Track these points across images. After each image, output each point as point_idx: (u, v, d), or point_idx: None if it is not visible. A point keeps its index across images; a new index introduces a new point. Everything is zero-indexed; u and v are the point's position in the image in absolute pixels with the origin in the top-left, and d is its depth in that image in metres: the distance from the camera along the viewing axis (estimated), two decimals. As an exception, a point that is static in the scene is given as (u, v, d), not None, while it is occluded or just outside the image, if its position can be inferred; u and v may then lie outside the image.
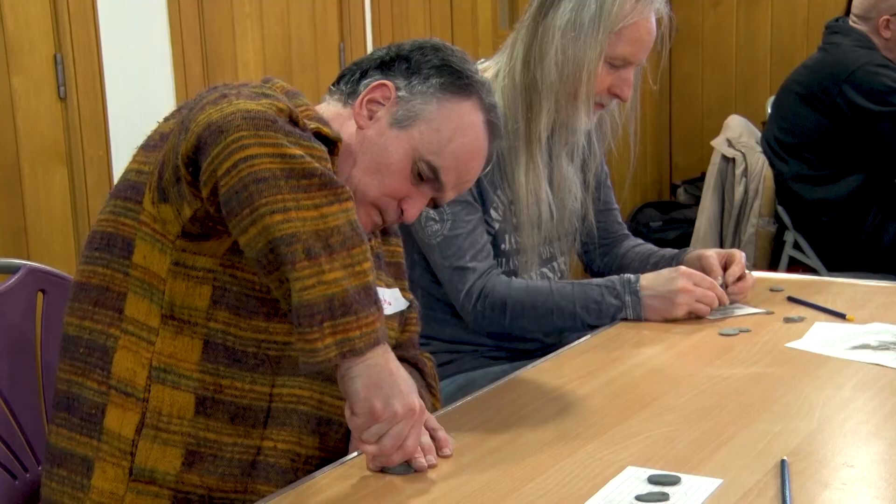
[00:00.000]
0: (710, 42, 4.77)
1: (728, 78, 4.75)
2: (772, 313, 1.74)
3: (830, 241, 3.10)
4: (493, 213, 1.77)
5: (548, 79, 1.71)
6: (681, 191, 4.85)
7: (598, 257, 2.03)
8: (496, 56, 1.82)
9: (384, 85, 1.31)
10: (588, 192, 1.92)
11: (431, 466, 1.16)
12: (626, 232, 2.05)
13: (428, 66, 1.32)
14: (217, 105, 1.10)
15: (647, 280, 1.72)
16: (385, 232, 1.48)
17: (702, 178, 3.77)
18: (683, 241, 3.94)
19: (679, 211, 4.68)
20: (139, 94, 2.59)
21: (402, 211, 1.32)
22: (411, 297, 1.50)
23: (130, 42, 2.60)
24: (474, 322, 1.76)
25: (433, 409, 1.37)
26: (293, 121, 1.12)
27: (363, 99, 1.32)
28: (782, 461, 1.13)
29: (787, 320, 1.69)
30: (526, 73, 1.72)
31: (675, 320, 1.71)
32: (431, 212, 1.71)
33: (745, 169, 3.14)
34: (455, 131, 1.31)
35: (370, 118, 1.31)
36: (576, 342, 1.66)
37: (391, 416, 1.08)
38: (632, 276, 1.74)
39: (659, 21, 1.74)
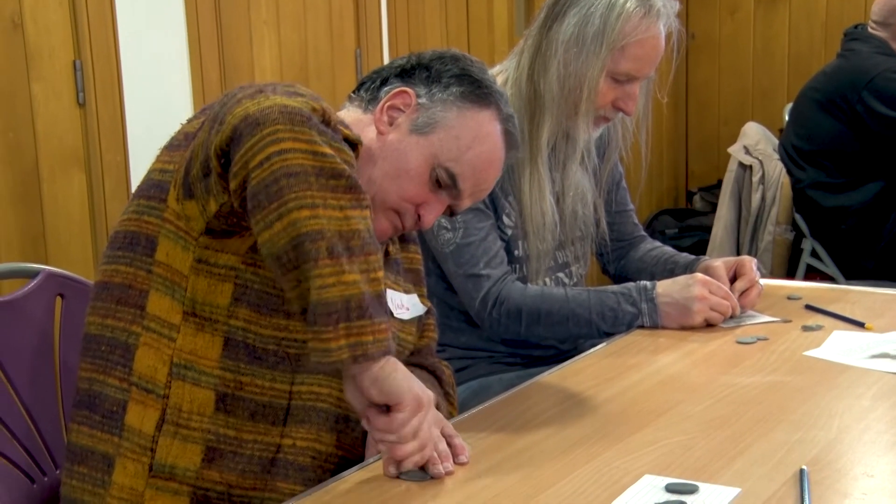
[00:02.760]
0: (727, 49, 4.75)
1: (745, 85, 4.73)
2: (789, 321, 1.73)
3: (848, 248, 3.09)
4: (505, 219, 1.77)
5: (550, 92, 1.71)
6: (697, 198, 4.84)
7: (614, 260, 2.03)
8: (505, 62, 1.82)
9: (405, 92, 1.33)
10: (601, 197, 1.91)
11: (448, 473, 1.16)
12: (643, 234, 2.05)
13: (448, 74, 1.34)
14: (254, 99, 1.11)
15: (664, 287, 1.72)
16: (403, 239, 1.49)
17: (718, 185, 3.76)
18: (699, 248, 3.92)
19: (695, 218, 4.66)
20: (157, 101, 2.60)
21: (419, 217, 1.33)
22: (429, 304, 1.50)
23: (148, 49, 2.61)
24: (490, 329, 1.75)
25: (449, 417, 1.37)
26: (325, 121, 1.13)
27: (384, 105, 1.33)
28: (801, 470, 1.12)
29: (805, 329, 1.68)
30: (530, 84, 1.73)
31: (691, 328, 1.70)
32: (443, 220, 1.71)
33: (763, 176, 3.12)
34: (474, 139, 1.32)
35: (390, 124, 1.32)
36: (592, 349, 1.66)
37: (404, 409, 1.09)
38: (648, 283, 1.73)
39: (668, 35, 1.73)
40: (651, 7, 1.67)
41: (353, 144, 1.19)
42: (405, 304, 1.40)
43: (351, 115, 1.36)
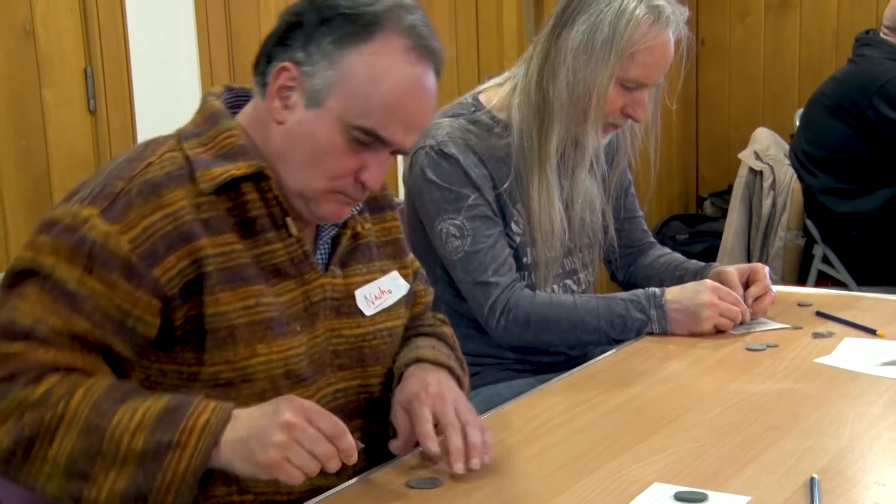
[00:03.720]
0: (738, 54, 4.74)
1: (756, 90, 4.72)
2: (800, 328, 1.72)
3: (860, 254, 3.07)
4: (513, 226, 1.77)
5: (559, 99, 1.70)
6: (707, 203, 4.82)
7: (623, 267, 2.02)
8: (514, 69, 1.81)
9: (284, 69, 1.19)
10: (609, 204, 1.91)
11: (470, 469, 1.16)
12: (652, 240, 2.04)
13: (318, 25, 1.18)
14: (31, 240, 1.14)
15: (673, 294, 1.71)
16: (378, 207, 1.39)
17: (729, 190, 3.75)
18: (710, 254, 3.91)
19: (706, 224, 4.65)
20: (167, 108, 2.61)
21: (363, 182, 1.21)
22: (415, 266, 1.46)
23: (159, 56, 2.62)
24: (498, 337, 1.75)
25: (460, 385, 1.34)
26: (92, 253, 1.11)
27: (272, 91, 1.20)
28: (812, 479, 1.12)
29: (816, 335, 1.67)
30: (539, 91, 1.72)
31: (700, 335, 1.69)
32: (452, 228, 1.71)
33: (773, 182, 3.11)
34: (372, 82, 1.16)
35: (285, 108, 1.20)
36: (601, 356, 1.65)
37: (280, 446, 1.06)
38: (657, 290, 1.72)
39: (678, 42, 1.72)
40: (660, 14, 1.66)
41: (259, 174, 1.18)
42: (387, 288, 1.34)
43: (252, 114, 1.25)
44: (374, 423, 1.31)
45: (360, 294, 1.30)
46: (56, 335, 1.11)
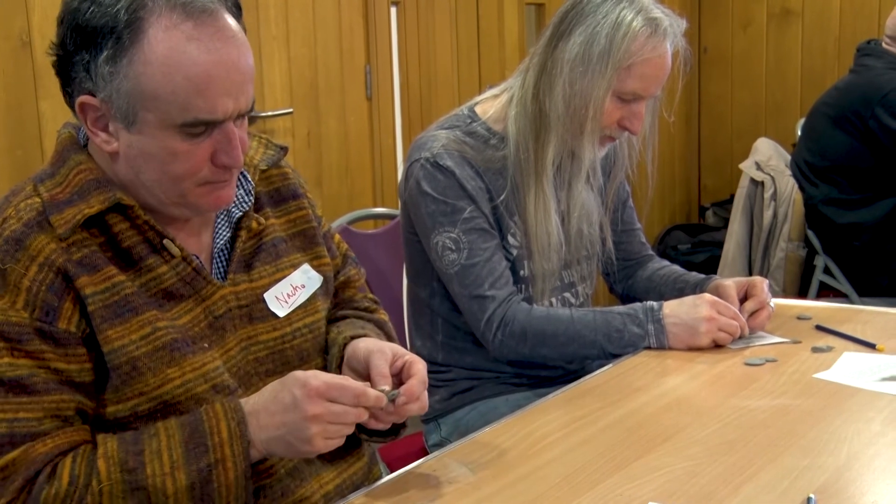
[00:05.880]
0: (740, 63, 4.73)
1: (758, 100, 4.71)
2: (799, 342, 1.70)
3: (862, 265, 3.05)
4: (510, 239, 1.76)
5: (556, 110, 1.69)
6: (709, 213, 4.81)
7: (621, 280, 2.01)
8: (510, 80, 1.80)
9: (83, 105, 1.13)
10: (607, 216, 1.89)
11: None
12: (651, 252, 2.03)
13: (84, 50, 1.10)
14: None
15: (671, 307, 1.70)
16: (281, 199, 1.35)
17: (731, 200, 3.73)
18: (712, 263, 3.89)
19: (708, 234, 4.63)
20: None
21: (224, 165, 1.15)
22: (341, 253, 1.45)
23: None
24: (495, 350, 1.73)
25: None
26: (3, 335, 1.09)
27: (89, 127, 1.15)
28: (809, 499, 1.10)
29: (815, 350, 1.66)
30: (535, 103, 1.71)
31: (699, 349, 1.68)
32: (448, 241, 1.69)
33: (774, 192, 3.10)
34: (167, 79, 1.08)
35: (110, 137, 1.14)
36: (598, 371, 1.64)
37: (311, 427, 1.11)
38: (654, 304, 1.71)
39: (675, 54, 1.71)
40: (658, 26, 1.65)
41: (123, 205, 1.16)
42: (298, 284, 1.31)
43: (93, 153, 1.20)
44: None
45: (269, 296, 1.28)
46: (37, 424, 1.10)
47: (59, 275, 1.12)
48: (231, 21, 1.13)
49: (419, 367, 1.23)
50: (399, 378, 1.23)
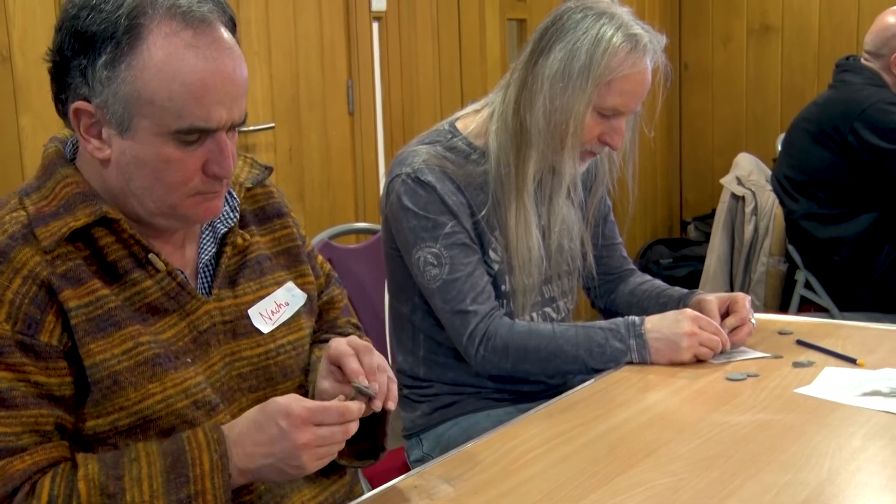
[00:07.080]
0: (721, 79, 4.76)
1: (738, 115, 4.74)
2: (780, 357, 1.71)
3: (843, 280, 3.07)
4: (491, 254, 1.76)
5: (536, 126, 1.69)
6: (691, 227, 4.83)
7: (603, 294, 2.01)
8: (490, 95, 1.81)
9: (78, 111, 1.13)
10: (588, 231, 1.90)
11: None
12: (632, 267, 2.03)
13: (82, 55, 1.10)
14: None
15: (652, 322, 1.70)
16: (265, 218, 1.35)
17: (712, 214, 3.75)
18: (694, 278, 3.90)
19: (690, 248, 4.65)
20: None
21: (215, 175, 1.16)
22: (325, 271, 1.45)
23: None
24: (477, 366, 1.73)
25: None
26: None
27: (82, 134, 1.15)
28: (790, 514, 1.10)
29: (797, 365, 1.66)
30: (516, 118, 1.71)
31: (680, 364, 1.68)
32: (429, 256, 1.69)
33: (755, 207, 3.11)
34: (163, 85, 1.09)
35: (103, 144, 1.15)
36: (580, 386, 1.63)
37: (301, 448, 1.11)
38: (636, 319, 1.71)
39: (655, 70, 1.71)
40: (637, 42, 1.66)
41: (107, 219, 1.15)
42: (282, 301, 1.30)
43: (83, 158, 1.19)
44: None
45: (254, 312, 1.27)
46: (15, 439, 1.08)
47: (42, 288, 1.11)
48: (227, 34, 1.14)
49: (376, 355, 1.25)
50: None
